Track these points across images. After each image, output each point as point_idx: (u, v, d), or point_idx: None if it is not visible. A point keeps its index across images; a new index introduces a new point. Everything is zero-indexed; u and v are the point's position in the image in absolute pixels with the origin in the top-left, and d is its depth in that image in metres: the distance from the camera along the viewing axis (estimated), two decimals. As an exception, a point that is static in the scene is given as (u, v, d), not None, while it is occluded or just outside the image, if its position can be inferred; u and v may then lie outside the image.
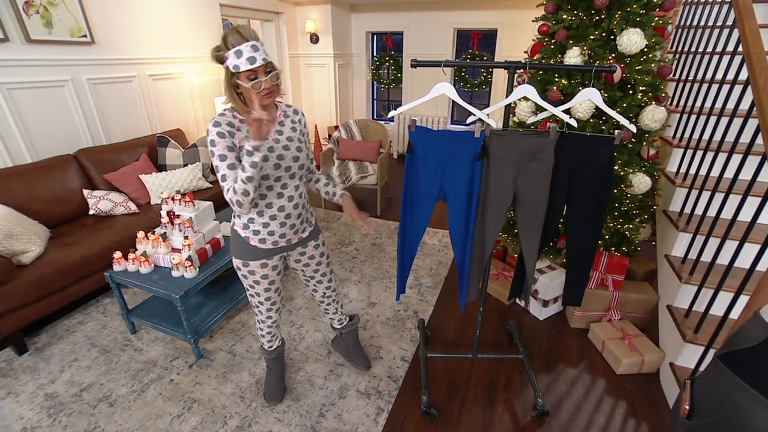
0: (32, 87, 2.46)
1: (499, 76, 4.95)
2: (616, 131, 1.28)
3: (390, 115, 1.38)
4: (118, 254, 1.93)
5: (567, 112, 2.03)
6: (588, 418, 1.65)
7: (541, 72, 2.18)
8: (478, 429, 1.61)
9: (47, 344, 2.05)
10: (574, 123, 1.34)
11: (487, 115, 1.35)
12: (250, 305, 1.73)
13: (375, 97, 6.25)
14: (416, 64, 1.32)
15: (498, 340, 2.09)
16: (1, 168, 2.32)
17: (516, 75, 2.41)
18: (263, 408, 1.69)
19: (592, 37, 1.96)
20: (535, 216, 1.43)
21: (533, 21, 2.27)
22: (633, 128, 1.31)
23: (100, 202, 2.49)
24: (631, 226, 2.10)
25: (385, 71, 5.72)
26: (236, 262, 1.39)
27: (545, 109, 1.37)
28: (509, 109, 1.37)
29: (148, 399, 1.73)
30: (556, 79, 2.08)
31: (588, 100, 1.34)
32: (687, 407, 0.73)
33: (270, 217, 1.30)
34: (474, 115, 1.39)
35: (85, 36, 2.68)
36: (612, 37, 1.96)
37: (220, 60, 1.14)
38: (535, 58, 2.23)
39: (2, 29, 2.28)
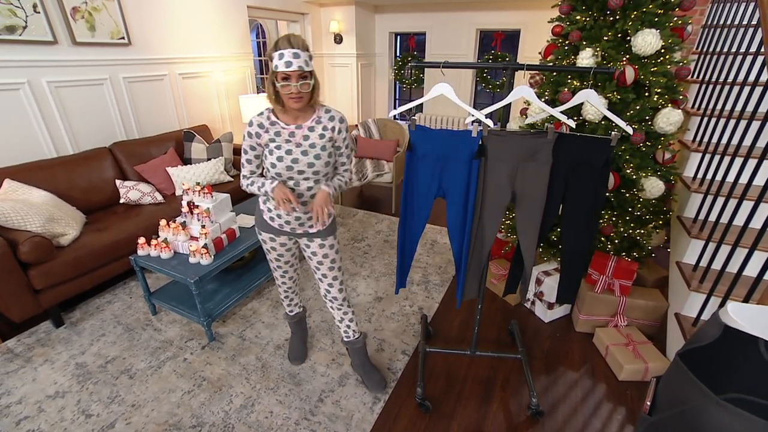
0: (76, 85, 2.70)
1: (520, 78, 4.88)
2: (613, 133, 1.28)
3: (390, 115, 1.44)
4: (142, 240, 2.09)
5: (577, 112, 2.01)
6: (584, 421, 1.64)
7: (554, 74, 2.17)
8: (471, 424, 1.64)
9: (80, 319, 2.25)
10: (572, 124, 1.35)
11: (486, 115, 1.38)
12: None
13: (397, 97, 6.31)
14: (415, 65, 1.36)
15: (500, 340, 2.10)
16: (48, 158, 2.56)
17: (529, 77, 2.42)
18: (266, 390, 1.79)
19: (605, 38, 1.93)
20: (532, 215, 1.44)
21: (549, 22, 2.26)
22: (630, 130, 1.31)
23: (130, 191, 2.69)
24: (643, 231, 2.05)
25: (408, 71, 5.76)
26: (256, 228, 1.59)
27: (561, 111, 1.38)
28: (507, 110, 1.39)
29: (163, 374, 1.87)
30: (569, 81, 2.06)
31: (587, 101, 1.34)
32: (648, 403, 0.74)
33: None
34: (485, 114, 1.42)
35: (123, 38, 2.90)
36: (627, 38, 1.92)
37: (271, 58, 1.25)
38: (548, 59, 2.22)
39: (52, 33, 2.52)
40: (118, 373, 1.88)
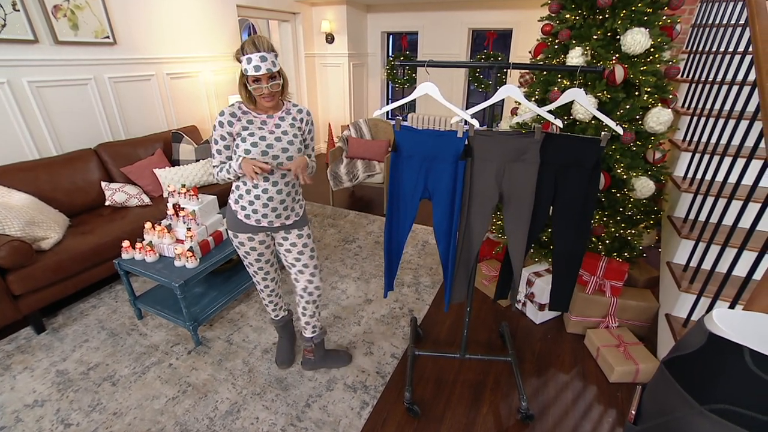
0: (59, 85, 2.64)
1: (512, 77, 4.87)
2: (603, 133, 1.26)
3: (375, 114, 1.41)
4: (126, 243, 2.05)
5: (567, 112, 2.00)
6: (574, 424, 1.62)
7: (544, 73, 2.15)
8: (461, 428, 1.61)
9: (63, 325, 2.20)
10: (559, 123, 1.33)
11: (472, 115, 1.36)
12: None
13: (390, 97, 6.27)
14: (401, 63, 1.34)
15: (491, 342, 2.08)
16: (30, 160, 2.49)
17: (519, 76, 2.40)
18: (253, 395, 1.75)
19: (594, 36, 1.91)
20: (520, 216, 1.42)
21: (539, 21, 2.24)
22: (620, 129, 1.29)
23: (116, 193, 2.64)
24: (633, 231, 2.04)
25: (400, 71, 5.73)
26: (230, 233, 1.58)
27: (548, 110, 1.36)
28: (493, 110, 1.37)
29: (147, 381, 1.83)
30: (559, 80, 2.04)
31: (576, 100, 1.32)
32: (633, 412, 0.72)
33: (255, 197, 1.46)
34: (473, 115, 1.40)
35: (108, 37, 2.84)
36: (617, 36, 1.90)
37: (239, 61, 1.33)
38: (538, 58, 2.20)
39: (33, 32, 2.45)
40: (100, 380, 1.83)
